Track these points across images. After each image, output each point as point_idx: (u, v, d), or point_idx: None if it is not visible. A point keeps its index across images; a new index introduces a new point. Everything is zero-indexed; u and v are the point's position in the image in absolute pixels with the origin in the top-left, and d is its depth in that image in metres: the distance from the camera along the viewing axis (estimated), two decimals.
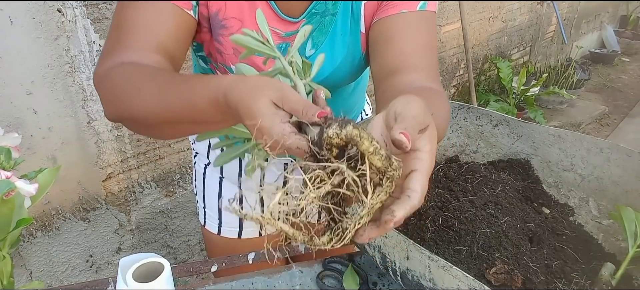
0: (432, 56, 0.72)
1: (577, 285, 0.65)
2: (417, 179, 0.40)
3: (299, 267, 0.79)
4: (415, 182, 0.40)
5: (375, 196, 0.39)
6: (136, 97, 0.58)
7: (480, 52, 3.57)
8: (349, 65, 0.78)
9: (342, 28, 0.75)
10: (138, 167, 1.69)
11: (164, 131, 0.64)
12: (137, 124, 0.62)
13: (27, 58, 1.31)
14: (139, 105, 0.58)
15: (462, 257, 0.65)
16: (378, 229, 0.41)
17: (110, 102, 0.63)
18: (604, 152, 0.79)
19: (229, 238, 0.99)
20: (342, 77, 0.80)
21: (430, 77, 0.68)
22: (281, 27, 0.74)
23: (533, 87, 3.52)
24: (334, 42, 0.76)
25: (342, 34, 0.76)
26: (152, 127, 0.62)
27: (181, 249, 1.97)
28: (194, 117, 0.54)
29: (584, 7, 4.60)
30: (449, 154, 0.97)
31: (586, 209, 0.82)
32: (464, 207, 0.71)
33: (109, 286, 0.75)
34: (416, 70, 0.68)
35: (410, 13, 0.71)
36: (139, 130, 0.67)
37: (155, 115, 0.57)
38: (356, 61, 0.78)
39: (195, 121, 0.55)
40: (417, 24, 0.71)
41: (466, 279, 0.52)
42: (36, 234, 1.49)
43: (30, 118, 1.36)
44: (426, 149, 0.42)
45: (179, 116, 0.56)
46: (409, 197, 0.40)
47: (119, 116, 0.63)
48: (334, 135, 0.39)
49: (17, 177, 0.54)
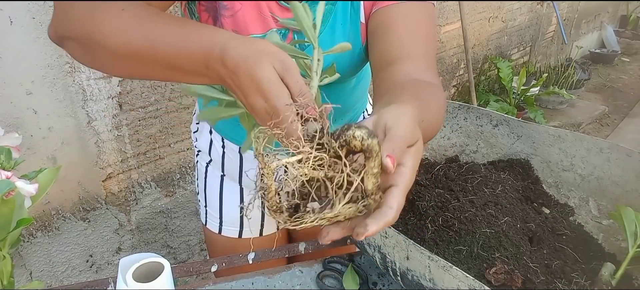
0: (431, 46, 0.72)
1: (577, 285, 0.65)
2: (395, 195, 0.41)
3: (299, 267, 0.79)
4: (393, 199, 0.41)
5: (346, 208, 0.40)
6: (115, 16, 0.52)
7: (480, 52, 3.57)
8: (349, 56, 0.79)
9: (342, 18, 0.75)
10: (138, 167, 1.69)
11: (126, 66, 0.56)
12: (97, 48, 0.54)
13: (27, 58, 1.31)
14: (114, 28, 0.52)
15: (462, 257, 0.65)
16: (342, 231, 0.42)
17: (72, 14, 0.54)
18: (604, 152, 0.79)
19: (230, 237, 0.99)
20: (343, 69, 0.80)
21: (427, 67, 0.68)
22: (279, 13, 0.74)
23: (533, 87, 3.52)
24: (334, 31, 0.76)
25: (342, 24, 0.76)
26: (116, 58, 0.54)
27: (181, 249, 1.97)
28: (175, 61, 0.51)
29: (584, 7, 4.60)
30: (449, 154, 0.97)
31: (586, 209, 0.82)
32: (464, 207, 0.71)
33: (109, 286, 0.75)
34: (414, 59, 0.68)
35: (409, 3, 0.71)
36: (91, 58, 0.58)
37: (128, 44, 0.52)
38: (357, 52, 0.78)
39: (174, 66, 0.52)
40: (416, 13, 0.71)
41: (466, 279, 0.52)
42: (36, 234, 1.49)
43: (30, 118, 1.36)
44: (409, 164, 0.42)
45: (160, 55, 0.51)
46: (384, 214, 0.40)
47: (74, 33, 0.55)
48: (360, 137, 0.39)
49: (17, 177, 0.54)
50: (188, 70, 0.51)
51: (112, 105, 1.54)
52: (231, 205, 0.97)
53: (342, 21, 0.76)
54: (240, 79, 0.45)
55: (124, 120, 1.58)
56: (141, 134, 1.65)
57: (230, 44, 0.47)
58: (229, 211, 0.97)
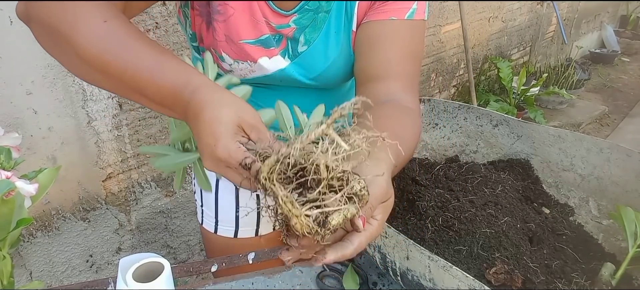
0: (414, 66, 0.74)
1: (577, 285, 0.65)
2: (359, 238, 0.45)
3: (299, 267, 0.79)
4: (356, 239, 0.45)
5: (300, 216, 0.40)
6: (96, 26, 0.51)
7: (480, 52, 3.57)
8: (342, 63, 0.79)
9: (336, 26, 0.76)
10: (138, 167, 1.70)
11: (92, 75, 0.55)
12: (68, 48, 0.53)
13: (27, 58, 1.31)
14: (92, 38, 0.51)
15: (462, 257, 0.65)
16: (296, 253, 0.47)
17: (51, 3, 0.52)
18: (604, 152, 0.79)
19: (226, 237, 0.99)
20: (336, 75, 0.81)
21: (408, 88, 0.71)
22: (272, 19, 0.74)
23: (533, 87, 3.52)
24: (327, 39, 0.76)
25: (336, 32, 0.76)
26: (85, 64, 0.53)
27: (181, 249, 1.97)
28: (144, 89, 0.51)
29: (584, 7, 4.60)
30: (449, 154, 0.97)
31: (586, 209, 0.82)
32: (464, 207, 0.71)
33: (109, 286, 0.75)
34: (396, 79, 0.70)
35: (398, 21, 0.72)
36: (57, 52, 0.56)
37: (101, 58, 0.51)
38: (350, 59, 0.79)
39: (142, 92, 0.52)
40: (403, 33, 0.73)
41: (466, 279, 0.52)
42: (36, 234, 1.50)
43: (30, 118, 1.36)
44: (378, 218, 0.47)
45: (131, 78, 0.51)
46: (344, 247, 0.44)
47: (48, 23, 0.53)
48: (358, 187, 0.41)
49: (17, 177, 0.54)
50: (154, 99, 0.53)
51: (112, 105, 1.54)
52: (227, 205, 0.97)
53: (335, 29, 0.76)
54: (199, 122, 0.48)
55: (124, 120, 1.58)
56: (141, 134, 1.65)
57: (201, 88, 0.49)
58: (224, 211, 0.97)
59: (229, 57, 0.75)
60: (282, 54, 0.77)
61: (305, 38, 0.76)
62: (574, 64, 4.27)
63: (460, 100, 3.45)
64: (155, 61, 0.51)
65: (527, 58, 4.20)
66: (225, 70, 0.79)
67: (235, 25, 0.72)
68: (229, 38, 0.73)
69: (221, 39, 0.74)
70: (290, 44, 0.77)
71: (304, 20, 0.75)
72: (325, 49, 0.77)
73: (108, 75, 0.52)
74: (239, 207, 0.96)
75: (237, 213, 0.97)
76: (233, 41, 0.74)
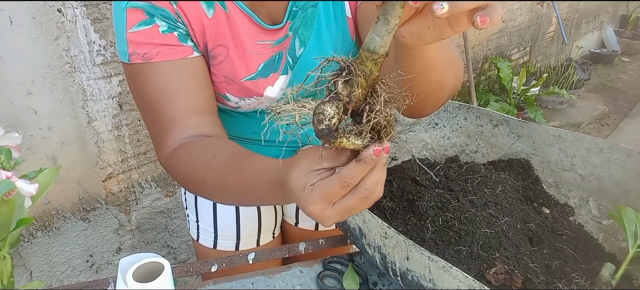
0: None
1: (577, 285, 0.65)
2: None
3: (299, 267, 0.79)
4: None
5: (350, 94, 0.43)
6: (202, 187, 0.64)
7: (480, 52, 3.57)
8: (341, 52, 0.78)
9: (326, 18, 0.75)
10: (138, 167, 1.70)
11: (232, 203, 0.74)
12: (204, 194, 0.67)
13: (27, 58, 1.31)
14: (207, 191, 0.64)
15: (462, 257, 0.65)
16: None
17: (183, 185, 0.70)
18: (604, 152, 0.79)
19: (226, 251, 0.97)
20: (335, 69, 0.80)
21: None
22: (269, 37, 0.74)
23: (533, 87, 3.52)
24: (320, 34, 0.75)
25: (327, 24, 0.75)
26: (222, 201, 0.68)
27: (181, 249, 1.97)
28: (254, 200, 0.60)
29: (584, 7, 4.60)
30: (449, 154, 0.97)
31: (586, 209, 0.82)
32: (464, 208, 0.71)
33: (109, 286, 0.75)
34: None
35: None
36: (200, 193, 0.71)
37: (221, 197, 0.64)
38: (347, 49, 0.78)
39: (255, 201, 0.61)
40: None
41: (466, 280, 0.52)
42: (36, 234, 1.50)
43: (30, 118, 1.36)
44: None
45: (242, 199, 0.61)
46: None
47: (179, 180, 0.69)
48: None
49: (17, 177, 0.54)
50: (269, 202, 0.58)
51: (112, 105, 1.54)
52: (226, 218, 0.95)
53: (326, 22, 0.75)
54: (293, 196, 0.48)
55: (124, 120, 1.58)
56: (141, 134, 1.65)
57: (280, 173, 0.51)
58: (224, 224, 0.95)
59: (234, 96, 0.76)
60: (284, 71, 0.76)
61: (300, 40, 0.75)
62: (574, 64, 4.27)
63: (460, 100, 3.45)
64: (243, 180, 0.58)
65: (527, 58, 4.20)
66: (233, 108, 0.79)
67: (232, 66, 0.73)
68: (229, 79, 0.74)
69: (221, 81, 0.74)
70: (289, 56, 0.76)
71: (296, 22, 0.74)
72: (319, 44, 0.76)
73: (234, 200, 0.64)
74: (240, 219, 0.95)
75: (238, 225, 0.95)
76: (234, 81, 0.74)
